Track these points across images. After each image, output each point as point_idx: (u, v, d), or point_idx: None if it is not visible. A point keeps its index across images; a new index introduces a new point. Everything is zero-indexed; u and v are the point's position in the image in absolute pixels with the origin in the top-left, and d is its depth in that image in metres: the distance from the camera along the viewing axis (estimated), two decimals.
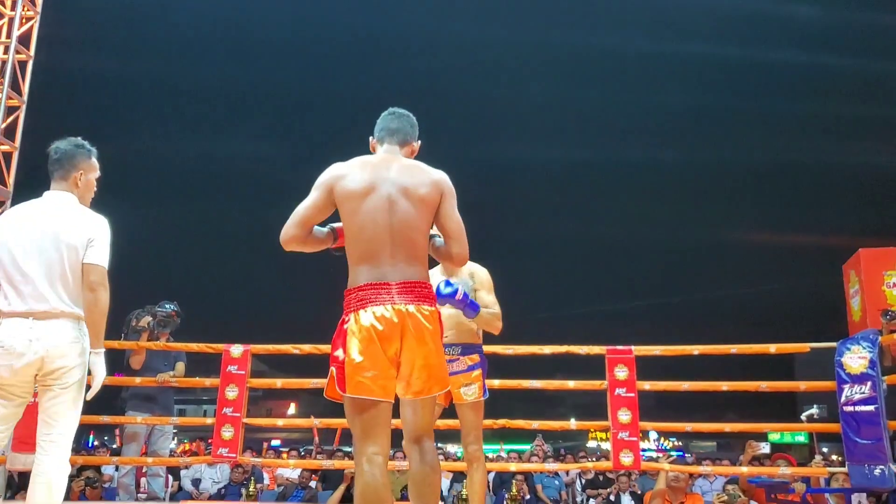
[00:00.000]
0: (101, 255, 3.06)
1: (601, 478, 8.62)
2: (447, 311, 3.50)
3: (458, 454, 17.36)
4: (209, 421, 5.72)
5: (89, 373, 3.08)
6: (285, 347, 5.81)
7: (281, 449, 17.18)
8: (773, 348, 5.54)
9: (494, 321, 3.61)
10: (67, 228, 3.05)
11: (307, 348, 5.73)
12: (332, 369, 2.43)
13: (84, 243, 3.04)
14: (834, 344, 5.37)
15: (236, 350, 5.67)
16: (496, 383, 5.53)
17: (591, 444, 29.63)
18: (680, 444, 30.28)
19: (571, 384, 5.79)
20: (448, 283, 3.35)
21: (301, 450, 11.65)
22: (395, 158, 2.60)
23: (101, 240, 3.08)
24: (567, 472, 8.71)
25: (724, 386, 5.67)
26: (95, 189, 3.28)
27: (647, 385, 5.54)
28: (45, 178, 3.22)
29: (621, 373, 5.45)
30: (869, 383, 5.05)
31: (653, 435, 28.86)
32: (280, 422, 7.29)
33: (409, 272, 2.43)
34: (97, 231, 3.09)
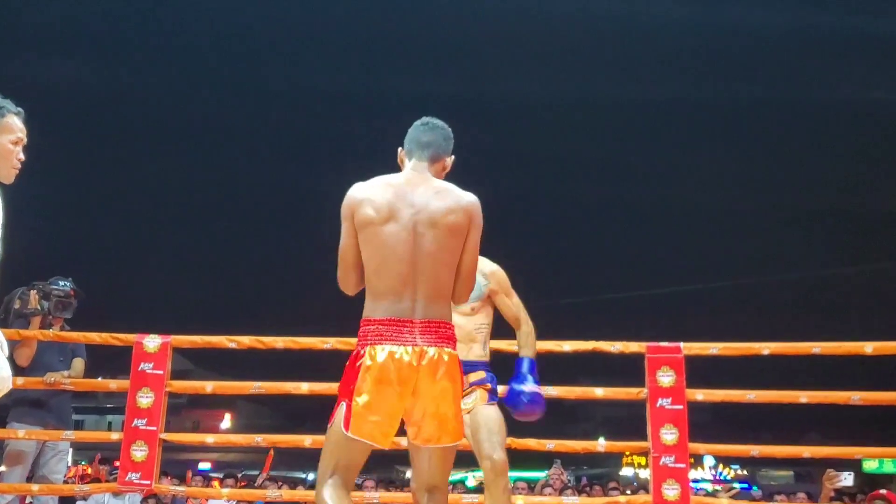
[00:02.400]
0: None
1: None
2: None
3: (463, 479, 17.52)
4: (115, 436, 5.76)
5: None
6: (218, 340, 5.82)
7: (211, 474, 17.31)
8: (869, 347, 5.58)
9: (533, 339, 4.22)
10: None
11: (247, 341, 5.75)
12: (344, 403, 2.93)
13: None
14: None
15: (151, 343, 5.69)
16: (499, 389, 5.58)
17: (626, 471, 29.91)
18: (745, 472, 30.57)
19: (600, 392, 5.83)
20: (523, 378, 4.08)
21: (239, 475, 11.73)
22: (423, 179, 3.07)
23: None
24: None
25: (804, 397, 5.71)
26: (20, 156, 3.46)
27: (700, 394, 5.60)
28: None
29: (666, 378, 5.51)
30: None
31: (708, 461, 29.13)
32: (210, 438, 7.30)
33: (434, 310, 2.95)
34: None
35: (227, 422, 33.32)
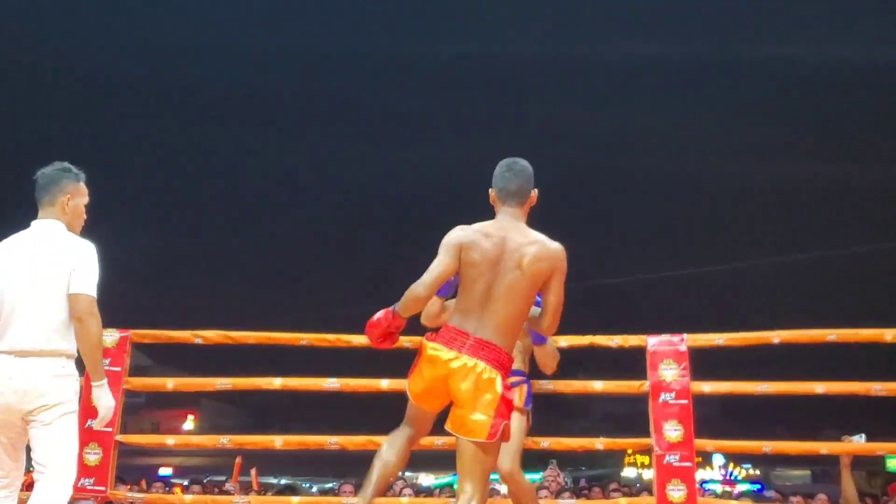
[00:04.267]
0: (85, 283, 4.04)
1: None
2: None
3: (433, 486, 17.63)
4: None
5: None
6: (182, 335, 5.85)
7: (173, 480, 17.34)
8: (889, 335, 5.64)
9: (551, 356, 5.00)
10: (50, 259, 4.05)
11: (212, 336, 5.79)
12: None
13: (67, 273, 4.02)
14: None
15: (109, 337, 5.72)
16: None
17: (629, 472, 30.07)
18: (757, 472, 30.77)
19: (599, 386, 5.87)
20: None
21: (205, 480, 11.76)
22: (516, 228, 4.01)
23: (86, 267, 4.07)
24: None
25: (820, 387, 5.73)
26: (85, 217, 4.33)
27: (706, 387, 5.65)
28: None
29: (669, 371, 5.57)
30: None
31: (718, 460, 29.30)
32: (171, 439, 7.28)
33: (489, 334, 3.88)
34: (80, 258, 4.07)
35: (189, 423, 33.28)
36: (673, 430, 5.48)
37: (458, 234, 3.98)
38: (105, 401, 4.13)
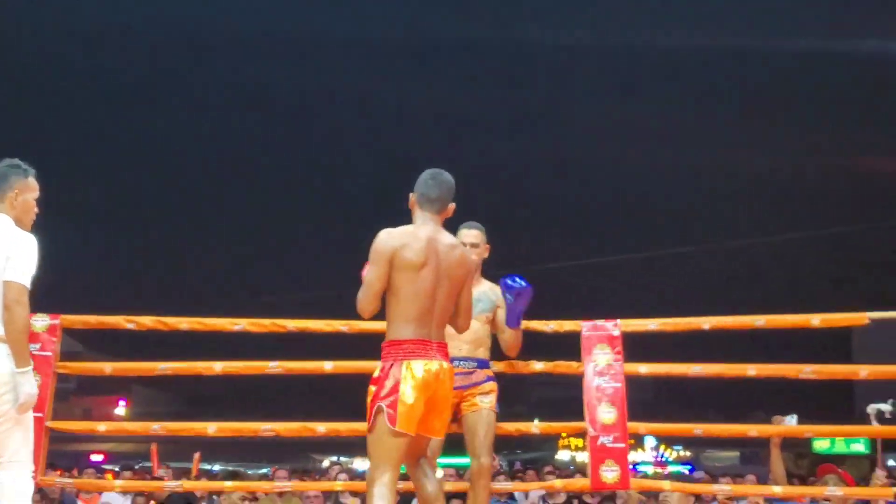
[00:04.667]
0: (18, 271, 4.21)
1: (575, 502, 8.87)
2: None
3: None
4: None
5: None
6: (114, 320, 5.77)
7: (104, 467, 17.19)
8: (815, 320, 5.71)
9: (519, 340, 5.34)
10: None
11: (148, 322, 5.73)
12: (382, 405, 4.00)
13: (3, 262, 4.18)
14: None
15: (39, 322, 5.62)
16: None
17: (563, 455, 30.35)
18: (688, 454, 31.21)
19: (539, 366, 5.84)
20: (515, 278, 5.07)
21: (136, 467, 11.69)
22: (439, 233, 4.24)
23: (21, 256, 4.24)
24: (526, 495, 8.94)
25: (752, 370, 5.75)
26: (36, 210, 4.52)
27: (643, 367, 5.72)
28: None
29: (603, 355, 5.63)
30: None
31: (649, 442, 29.69)
32: (102, 426, 7.21)
33: (440, 335, 4.19)
34: (17, 247, 4.24)
35: (121, 409, 32.94)
36: (607, 413, 5.54)
37: (389, 240, 4.12)
38: (28, 388, 4.25)
